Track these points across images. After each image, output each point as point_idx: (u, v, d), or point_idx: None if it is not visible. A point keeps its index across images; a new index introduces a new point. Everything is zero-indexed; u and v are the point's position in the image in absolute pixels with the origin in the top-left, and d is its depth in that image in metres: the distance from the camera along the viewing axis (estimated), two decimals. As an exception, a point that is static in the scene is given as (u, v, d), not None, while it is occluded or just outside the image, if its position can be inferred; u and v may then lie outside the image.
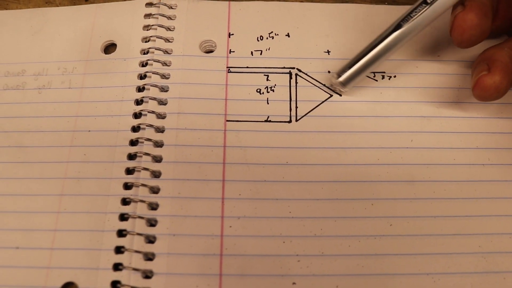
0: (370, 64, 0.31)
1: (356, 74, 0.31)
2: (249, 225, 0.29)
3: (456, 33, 0.30)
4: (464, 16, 0.29)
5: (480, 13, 0.29)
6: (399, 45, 0.31)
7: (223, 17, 0.35)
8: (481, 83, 0.29)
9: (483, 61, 0.30)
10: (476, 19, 0.29)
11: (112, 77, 0.33)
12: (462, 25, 0.29)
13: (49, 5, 0.37)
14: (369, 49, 0.31)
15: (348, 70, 0.31)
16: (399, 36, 0.30)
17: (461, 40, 0.30)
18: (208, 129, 0.32)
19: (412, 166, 0.31)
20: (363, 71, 0.31)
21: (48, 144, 0.32)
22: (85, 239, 0.29)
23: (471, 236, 0.29)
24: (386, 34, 0.31)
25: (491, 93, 0.29)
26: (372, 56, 0.31)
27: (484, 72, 0.29)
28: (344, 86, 0.32)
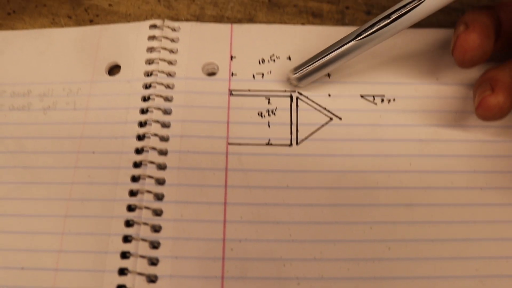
0: (325, 66, 0.32)
1: (310, 73, 0.33)
2: (250, 248, 0.30)
3: (458, 53, 0.30)
4: (467, 36, 0.29)
5: (482, 34, 0.29)
6: (355, 53, 0.31)
7: (225, 39, 0.36)
8: (485, 103, 0.29)
9: (485, 82, 0.30)
10: (478, 40, 0.29)
11: (116, 99, 0.34)
12: (464, 45, 0.30)
13: (54, 26, 0.37)
14: (327, 52, 0.32)
15: (304, 68, 0.33)
16: (356, 45, 0.31)
17: (463, 60, 0.30)
18: (210, 152, 0.32)
19: (410, 190, 0.31)
20: (317, 71, 0.32)
21: (53, 165, 0.32)
22: (89, 260, 0.30)
23: (468, 259, 0.30)
24: (345, 42, 0.31)
25: (494, 113, 0.29)
26: (328, 59, 0.32)
27: (488, 92, 0.29)
28: (299, 82, 0.33)
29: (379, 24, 0.30)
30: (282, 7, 0.38)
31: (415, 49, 0.36)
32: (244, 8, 0.38)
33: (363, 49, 0.31)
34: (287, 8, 0.38)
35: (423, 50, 0.36)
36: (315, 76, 0.33)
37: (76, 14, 0.38)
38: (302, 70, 0.33)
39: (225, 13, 0.38)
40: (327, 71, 0.33)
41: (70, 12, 0.38)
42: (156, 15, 0.38)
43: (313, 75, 0.33)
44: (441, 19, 0.37)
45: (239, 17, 0.38)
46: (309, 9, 0.38)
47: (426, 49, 0.36)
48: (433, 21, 0.37)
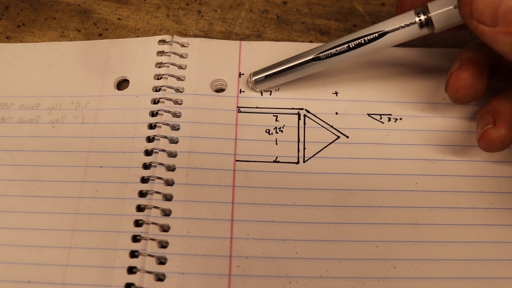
0: (282, 75, 0.33)
1: (267, 78, 0.34)
2: (256, 265, 0.30)
3: (451, 91, 0.31)
4: (459, 75, 0.30)
5: (474, 73, 0.30)
6: (310, 70, 0.33)
7: (234, 56, 0.36)
8: (487, 136, 0.29)
9: (487, 113, 0.30)
10: (470, 79, 0.30)
11: (124, 113, 0.34)
12: (456, 84, 0.30)
13: (63, 39, 0.38)
14: (287, 63, 0.33)
15: (262, 73, 0.34)
16: (314, 64, 0.32)
17: (455, 98, 0.31)
18: (217, 168, 0.32)
19: (416, 209, 0.32)
20: (274, 79, 0.34)
21: (60, 179, 0.32)
22: (95, 275, 0.30)
23: (473, 280, 0.30)
24: (304, 60, 0.32)
25: (496, 145, 0.29)
26: (285, 69, 0.33)
27: (490, 125, 0.29)
28: (255, 85, 0.34)
29: (338, 48, 0.31)
30: (291, 24, 0.39)
31: (422, 68, 0.36)
32: (252, 25, 0.38)
33: (319, 67, 0.32)
34: (295, 25, 0.38)
35: (430, 69, 0.36)
36: (271, 82, 0.34)
37: (85, 28, 0.38)
38: (260, 75, 0.34)
39: (233, 29, 0.38)
40: (285, 80, 0.34)
41: (79, 25, 0.38)
42: (165, 30, 0.38)
43: (270, 81, 0.34)
44: (448, 38, 0.38)
45: (248, 33, 0.38)
46: (317, 27, 0.38)
47: (433, 68, 0.36)
48: (440, 41, 0.37)
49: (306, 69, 0.32)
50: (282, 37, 0.38)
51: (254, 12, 0.39)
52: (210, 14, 0.39)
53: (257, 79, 0.34)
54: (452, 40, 0.38)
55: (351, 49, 0.31)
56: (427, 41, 0.30)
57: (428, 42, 0.31)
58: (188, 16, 0.39)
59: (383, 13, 0.39)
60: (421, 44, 0.37)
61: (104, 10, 0.39)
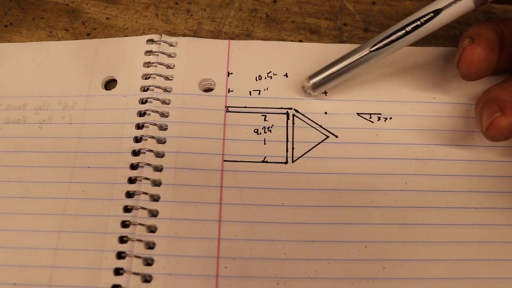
0: (340, 74, 0.33)
1: (325, 80, 0.33)
2: (244, 265, 0.30)
3: (463, 66, 0.30)
4: (472, 49, 0.30)
5: (487, 48, 0.30)
6: (370, 62, 0.32)
7: (222, 55, 0.36)
8: (496, 124, 0.29)
9: (491, 102, 0.30)
10: (483, 53, 0.30)
11: (112, 114, 0.34)
12: (469, 58, 0.30)
13: (51, 39, 0.37)
14: (343, 60, 0.32)
15: (319, 75, 0.33)
16: (373, 55, 0.32)
17: (467, 73, 0.30)
18: (205, 168, 0.32)
19: (405, 209, 0.31)
20: (333, 79, 0.33)
21: (47, 180, 0.32)
22: (82, 276, 0.29)
23: (463, 280, 0.30)
24: (363, 53, 0.32)
25: (505, 133, 0.29)
26: (343, 67, 0.32)
27: (498, 113, 0.29)
28: (314, 90, 0.33)
29: (395, 35, 0.31)
30: (280, 23, 0.38)
31: (412, 67, 0.36)
32: (242, 24, 0.38)
33: (378, 59, 0.32)
34: (285, 24, 0.38)
35: (420, 68, 0.36)
36: (330, 84, 0.33)
37: (74, 27, 0.38)
38: (318, 77, 0.33)
39: (222, 28, 0.38)
40: (343, 79, 0.33)
41: (67, 25, 0.38)
42: (154, 29, 0.38)
43: (328, 83, 0.33)
44: (439, 36, 0.37)
45: (237, 32, 0.38)
46: (307, 26, 0.38)
47: (423, 67, 0.36)
48: (430, 39, 0.37)
49: (366, 63, 0.32)
50: (272, 36, 0.38)
51: (244, 11, 0.39)
52: (199, 13, 0.39)
53: (316, 83, 0.33)
54: (443, 39, 0.37)
55: (408, 33, 0.31)
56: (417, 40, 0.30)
57: (418, 41, 0.31)
58: (177, 15, 0.39)
59: (374, 11, 0.39)
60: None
61: (93, 10, 0.39)
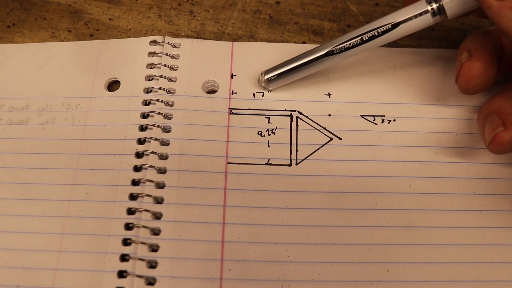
0: (295, 72, 0.33)
1: (280, 76, 0.33)
2: (248, 268, 0.29)
3: (462, 81, 0.30)
4: (470, 65, 0.30)
5: (486, 62, 0.30)
6: (324, 65, 0.33)
7: (226, 57, 0.36)
8: (499, 139, 0.29)
9: (493, 114, 0.30)
10: (482, 68, 0.30)
11: (115, 115, 0.34)
12: (468, 74, 0.30)
13: (54, 39, 0.37)
14: (299, 59, 0.33)
15: (274, 72, 0.33)
16: (328, 59, 0.32)
17: (466, 88, 0.30)
18: (209, 171, 0.32)
19: (409, 212, 0.31)
20: (286, 76, 0.33)
21: (50, 181, 0.32)
22: (85, 279, 0.29)
23: (467, 282, 0.30)
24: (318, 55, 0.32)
25: (508, 148, 0.29)
26: (297, 66, 0.33)
27: (500, 128, 0.29)
28: (268, 84, 0.34)
29: (351, 41, 0.31)
30: (283, 24, 0.38)
31: (416, 69, 0.36)
32: (245, 25, 0.38)
33: (331, 63, 0.32)
34: (288, 26, 0.38)
35: (424, 70, 0.36)
36: (284, 80, 0.34)
37: (76, 28, 0.38)
38: (272, 73, 0.34)
39: (226, 30, 0.38)
40: (296, 78, 0.34)
41: (70, 26, 0.38)
42: (157, 30, 0.38)
43: (282, 79, 0.34)
44: (443, 39, 0.37)
45: (240, 33, 0.38)
46: (310, 27, 0.38)
47: (427, 69, 0.36)
48: (434, 41, 0.37)
49: (319, 64, 0.32)
50: (275, 38, 0.37)
51: (247, 13, 0.39)
52: (202, 14, 0.39)
53: (270, 78, 0.34)
54: (447, 41, 0.37)
55: (364, 42, 0.31)
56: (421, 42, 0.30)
57: (422, 43, 0.31)
58: (180, 16, 0.38)
59: (377, 13, 0.39)
60: (414, 44, 0.37)
61: (95, 10, 0.39)
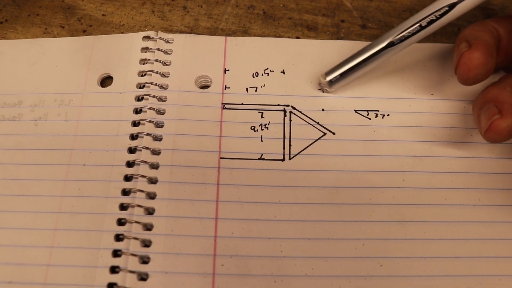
0: (357, 69, 0.33)
1: (342, 76, 0.33)
2: (241, 263, 0.29)
3: (462, 71, 0.30)
4: (470, 54, 0.30)
5: (486, 52, 0.29)
6: (387, 56, 0.32)
7: (219, 52, 0.36)
8: (495, 127, 0.29)
9: (489, 103, 0.30)
10: (482, 58, 0.29)
11: (108, 111, 0.34)
12: (468, 64, 0.30)
13: (47, 35, 0.37)
14: (359, 54, 0.32)
15: (336, 72, 0.33)
16: (389, 50, 0.32)
17: (466, 78, 0.30)
18: (202, 166, 0.32)
19: (403, 206, 0.31)
20: (349, 74, 0.33)
21: (43, 177, 0.32)
22: (78, 274, 0.29)
23: (461, 277, 0.29)
24: (379, 47, 0.32)
25: (504, 135, 0.29)
26: (360, 62, 0.32)
27: (497, 116, 0.29)
28: (330, 86, 0.33)
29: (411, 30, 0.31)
30: (277, 19, 0.38)
31: (410, 64, 0.36)
32: (238, 20, 0.38)
33: (392, 54, 0.32)
34: (282, 21, 0.38)
35: (418, 65, 0.35)
36: (346, 80, 0.33)
37: (69, 24, 0.38)
38: (334, 73, 0.33)
39: (219, 25, 0.38)
40: (359, 74, 0.33)
41: (63, 21, 0.38)
42: (150, 26, 0.38)
43: (345, 79, 0.33)
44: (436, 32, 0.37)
45: (234, 29, 0.38)
46: (304, 22, 0.38)
47: (421, 64, 0.35)
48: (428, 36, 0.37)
49: (380, 58, 0.32)
50: (269, 33, 0.37)
51: (241, 8, 0.39)
52: (195, 9, 0.38)
53: (332, 79, 0.33)
54: (441, 35, 0.37)
55: (423, 27, 0.31)
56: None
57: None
58: (173, 12, 0.38)
59: (371, 8, 0.38)
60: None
61: (88, 6, 0.39)
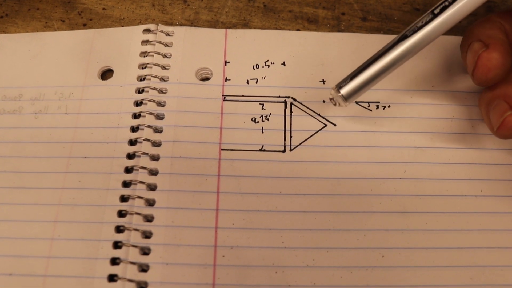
0: (375, 77, 0.29)
1: (359, 87, 0.29)
2: (242, 255, 0.29)
3: (480, 73, 0.29)
4: (489, 55, 0.28)
5: (504, 52, 0.28)
6: (406, 57, 0.29)
7: (219, 44, 0.36)
8: (508, 123, 0.28)
9: (499, 99, 0.29)
10: (500, 58, 0.28)
11: (108, 103, 0.34)
12: (487, 64, 0.28)
13: (47, 29, 0.37)
14: (374, 60, 0.29)
15: (351, 83, 0.29)
16: (406, 48, 0.29)
17: (485, 79, 0.29)
18: (202, 157, 0.32)
19: (404, 197, 0.31)
20: (367, 85, 0.29)
21: (43, 170, 0.32)
22: (78, 266, 0.29)
23: (463, 268, 0.29)
24: (392, 45, 0.29)
25: None
26: (379, 69, 0.29)
27: (509, 111, 0.28)
28: (345, 100, 0.30)
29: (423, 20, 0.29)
30: (278, 12, 0.38)
31: (411, 55, 0.35)
32: (239, 13, 0.38)
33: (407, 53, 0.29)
34: (282, 14, 0.38)
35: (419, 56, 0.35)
36: (363, 90, 0.30)
37: (70, 18, 0.38)
38: (350, 86, 0.29)
39: (219, 18, 0.38)
40: (375, 83, 0.30)
41: (63, 15, 0.38)
42: (150, 19, 0.38)
43: (361, 90, 0.30)
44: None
45: (234, 22, 0.38)
46: (305, 15, 0.38)
47: (422, 55, 0.35)
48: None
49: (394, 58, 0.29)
50: (269, 26, 0.37)
51: (241, 1, 0.38)
52: (196, 3, 0.38)
53: (347, 95, 0.29)
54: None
55: (436, 15, 0.28)
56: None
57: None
58: (173, 5, 0.38)
59: (372, 0, 0.38)
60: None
61: (89, 0, 0.39)
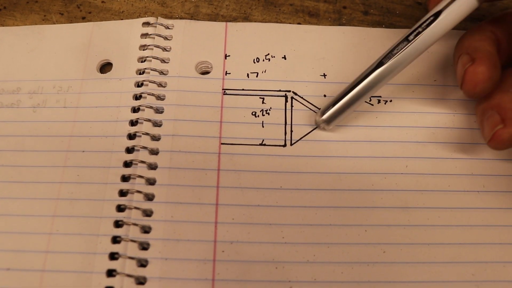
0: (353, 102, 0.31)
1: (339, 112, 0.31)
2: (241, 250, 0.29)
3: (468, 87, 0.29)
4: (475, 69, 0.28)
5: (490, 65, 0.28)
6: (382, 82, 0.30)
7: (219, 38, 0.35)
8: (498, 137, 0.28)
9: (491, 110, 0.29)
10: (487, 72, 0.28)
11: (107, 97, 0.33)
12: (474, 79, 0.28)
13: (46, 22, 0.37)
14: (353, 86, 0.30)
15: (331, 108, 0.31)
16: (382, 74, 0.30)
17: (473, 93, 0.29)
18: (202, 151, 0.31)
19: (406, 192, 0.31)
20: (346, 109, 0.31)
21: (41, 164, 0.32)
22: (76, 261, 0.29)
23: (464, 264, 0.29)
24: (369, 72, 0.30)
25: (508, 145, 0.28)
26: (355, 94, 0.30)
27: (500, 126, 0.28)
28: (328, 124, 0.32)
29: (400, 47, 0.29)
30: (278, 6, 0.38)
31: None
32: (239, 7, 0.38)
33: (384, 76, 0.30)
34: (283, 7, 0.38)
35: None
36: (343, 115, 0.31)
37: (68, 11, 0.37)
38: (329, 110, 0.31)
39: (220, 11, 0.37)
40: (355, 107, 0.31)
41: (62, 8, 0.38)
42: (150, 12, 0.37)
43: (342, 114, 0.31)
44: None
45: (234, 15, 0.37)
46: (306, 8, 0.38)
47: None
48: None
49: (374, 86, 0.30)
50: (270, 19, 0.37)
51: (241, -6, 0.38)
52: (196, -4, 0.38)
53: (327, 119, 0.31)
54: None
55: (411, 42, 0.29)
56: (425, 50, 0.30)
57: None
58: (173, -2, 0.38)
59: (373, -6, 0.38)
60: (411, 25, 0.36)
61: (88, -7, 0.38)
